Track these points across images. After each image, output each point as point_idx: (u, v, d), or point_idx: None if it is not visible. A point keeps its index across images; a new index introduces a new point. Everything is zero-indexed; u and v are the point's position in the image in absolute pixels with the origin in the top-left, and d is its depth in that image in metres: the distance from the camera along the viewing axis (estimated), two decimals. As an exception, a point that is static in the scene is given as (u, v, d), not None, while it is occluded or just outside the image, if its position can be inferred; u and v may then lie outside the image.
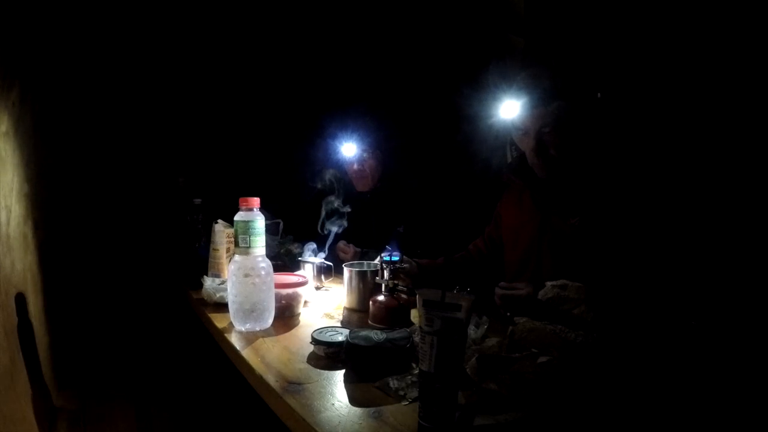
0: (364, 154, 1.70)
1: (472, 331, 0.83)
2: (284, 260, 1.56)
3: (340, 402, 0.67)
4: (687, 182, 1.13)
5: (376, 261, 1.11)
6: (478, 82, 1.25)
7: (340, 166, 1.77)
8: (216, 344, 1.04)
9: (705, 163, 1.13)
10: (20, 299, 1.04)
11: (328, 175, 1.43)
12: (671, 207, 1.04)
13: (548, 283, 0.88)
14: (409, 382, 0.70)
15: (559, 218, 1.10)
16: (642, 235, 1.00)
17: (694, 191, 1.12)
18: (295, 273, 1.24)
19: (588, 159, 1.08)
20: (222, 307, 1.13)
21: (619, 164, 1.09)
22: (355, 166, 1.73)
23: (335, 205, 1.35)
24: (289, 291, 1.09)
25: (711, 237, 1.06)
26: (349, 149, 1.68)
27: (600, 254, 1.01)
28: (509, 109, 1.08)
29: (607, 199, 1.04)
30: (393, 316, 0.99)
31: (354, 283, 1.13)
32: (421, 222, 1.63)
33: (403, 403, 0.66)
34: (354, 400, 0.68)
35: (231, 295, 0.99)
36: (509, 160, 1.30)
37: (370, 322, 1.02)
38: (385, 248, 1.07)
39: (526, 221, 1.19)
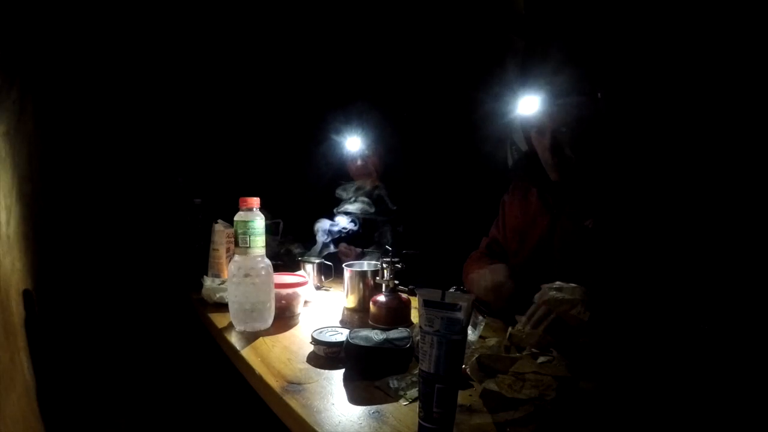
0: (366, 152, 1.70)
1: (470, 332, 0.83)
2: (284, 260, 1.56)
3: (340, 402, 0.67)
4: (707, 186, 1.09)
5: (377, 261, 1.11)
6: (481, 81, 1.25)
7: (342, 164, 1.77)
8: (216, 344, 1.04)
9: (725, 167, 1.09)
10: (20, 299, 1.04)
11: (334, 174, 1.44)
12: (689, 211, 1.00)
13: (544, 286, 0.88)
14: (409, 382, 0.70)
15: (570, 219, 1.07)
16: (658, 239, 0.96)
17: (713, 196, 1.08)
18: (295, 273, 1.24)
19: (604, 160, 1.03)
20: (222, 307, 1.13)
21: (637, 167, 1.04)
22: (358, 163, 1.72)
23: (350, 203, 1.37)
24: (289, 291, 1.09)
25: (727, 243, 1.03)
26: (350, 147, 1.68)
27: (615, 257, 0.97)
28: (527, 105, 1.03)
29: (625, 202, 1.00)
30: (393, 316, 0.99)
31: (354, 283, 1.13)
32: (421, 222, 1.63)
33: (403, 403, 0.66)
34: (354, 400, 0.68)
35: (231, 295, 0.99)
36: (509, 161, 1.27)
37: (370, 322, 1.02)
38: (386, 249, 1.07)
39: (533, 222, 1.15)
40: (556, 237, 1.09)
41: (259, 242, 0.99)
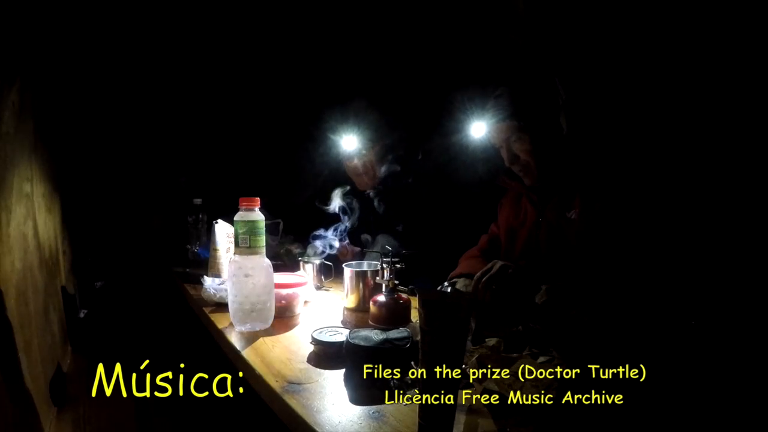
0: (363, 152, 1.69)
1: None
2: (284, 260, 1.56)
3: (340, 402, 0.67)
4: (685, 178, 1.14)
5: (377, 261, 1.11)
6: (477, 81, 1.26)
7: (340, 165, 1.77)
8: (215, 343, 1.04)
9: (704, 159, 1.13)
10: (20, 299, 1.04)
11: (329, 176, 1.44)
12: (668, 203, 1.05)
13: (544, 287, 0.89)
14: (409, 382, 0.70)
15: (554, 214, 1.12)
16: (639, 231, 1.00)
17: (692, 187, 1.13)
18: (295, 273, 1.24)
19: (567, 158, 1.11)
20: (222, 307, 1.13)
21: (613, 160, 1.11)
22: (354, 162, 1.72)
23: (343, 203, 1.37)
24: (289, 291, 1.09)
25: (709, 234, 1.06)
26: (348, 148, 1.68)
27: (597, 249, 1.01)
28: (478, 129, 1.21)
29: (603, 194, 1.05)
30: (393, 316, 0.99)
31: (354, 283, 1.13)
32: (420, 221, 1.63)
33: (403, 403, 0.66)
34: (354, 400, 0.68)
35: (231, 295, 0.99)
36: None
37: (370, 322, 1.02)
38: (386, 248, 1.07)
39: (523, 221, 1.21)
40: (542, 232, 1.14)
41: (259, 242, 0.99)
